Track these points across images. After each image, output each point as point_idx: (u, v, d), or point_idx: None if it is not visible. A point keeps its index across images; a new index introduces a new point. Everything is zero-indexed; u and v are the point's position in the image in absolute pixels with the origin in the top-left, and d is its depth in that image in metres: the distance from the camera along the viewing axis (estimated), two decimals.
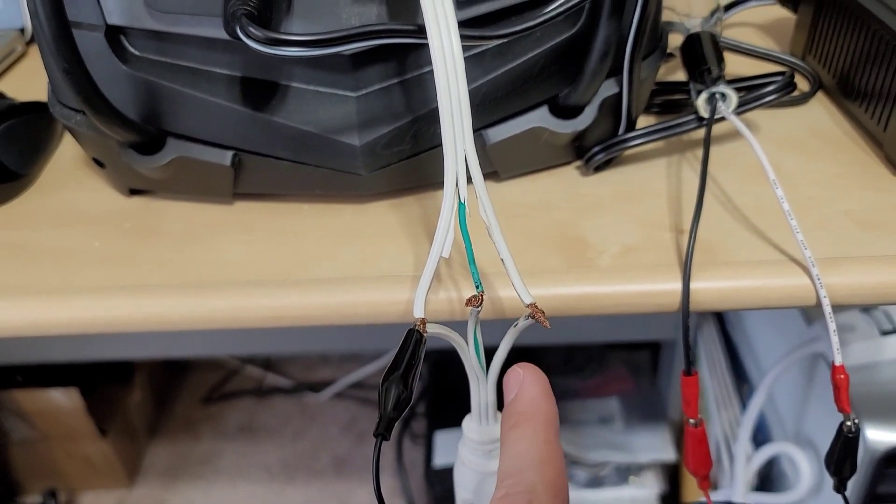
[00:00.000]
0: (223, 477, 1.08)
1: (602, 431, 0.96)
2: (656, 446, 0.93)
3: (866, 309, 0.62)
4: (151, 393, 1.15)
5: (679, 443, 0.93)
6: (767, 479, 0.72)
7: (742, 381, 0.78)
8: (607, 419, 0.98)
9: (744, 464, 0.68)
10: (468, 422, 0.30)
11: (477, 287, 0.26)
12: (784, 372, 0.65)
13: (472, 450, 0.30)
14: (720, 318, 0.85)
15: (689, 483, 0.89)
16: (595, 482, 0.91)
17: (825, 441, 0.34)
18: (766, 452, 0.67)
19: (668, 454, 0.92)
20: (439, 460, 0.95)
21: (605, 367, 1.06)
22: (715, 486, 0.78)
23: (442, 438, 0.98)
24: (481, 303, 0.26)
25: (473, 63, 0.33)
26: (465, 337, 0.27)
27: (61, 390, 0.96)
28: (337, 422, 1.15)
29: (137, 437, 1.11)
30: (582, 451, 0.92)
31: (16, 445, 1.02)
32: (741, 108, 0.37)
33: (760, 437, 0.73)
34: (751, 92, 0.38)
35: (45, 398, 0.97)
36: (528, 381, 0.25)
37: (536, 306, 0.26)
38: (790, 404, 0.68)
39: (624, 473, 0.92)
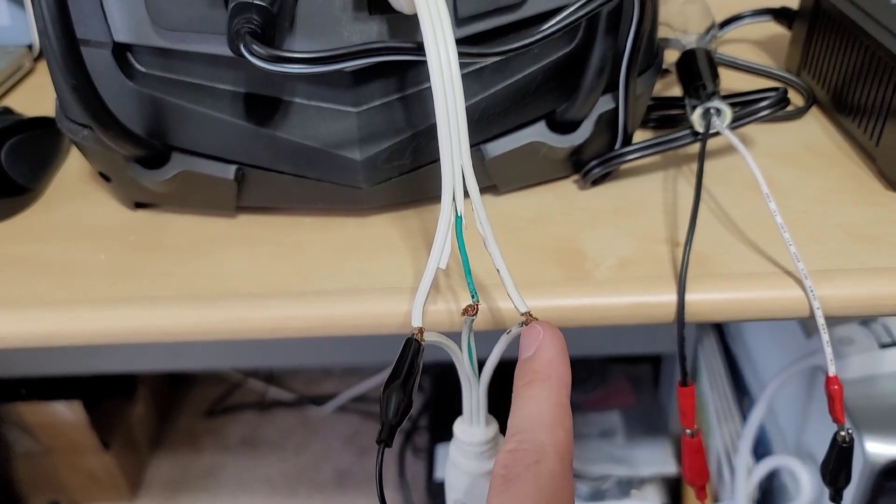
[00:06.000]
0: (225, 490, 1.08)
1: (604, 445, 0.96)
2: (658, 460, 0.93)
3: (865, 322, 0.62)
4: (154, 406, 1.15)
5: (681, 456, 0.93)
6: (768, 492, 0.72)
7: (743, 393, 0.78)
8: (609, 433, 0.98)
9: (744, 477, 0.68)
10: (459, 424, 0.31)
11: (472, 297, 0.27)
12: (784, 384, 0.65)
13: (463, 452, 0.31)
14: (721, 331, 0.85)
15: (690, 496, 0.88)
16: (597, 496, 0.91)
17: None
18: (767, 465, 0.67)
19: (670, 468, 0.92)
20: (441, 473, 0.95)
21: (606, 381, 1.06)
22: (716, 499, 0.77)
23: (444, 452, 0.98)
24: (476, 312, 0.27)
25: (473, 79, 0.34)
26: (460, 345, 0.28)
27: (64, 403, 0.97)
28: (339, 435, 1.15)
29: (140, 451, 1.11)
30: (584, 464, 0.92)
31: (19, 458, 1.02)
32: (736, 123, 0.38)
33: (761, 449, 0.73)
34: (745, 107, 0.38)
35: (49, 411, 0.97)
36: (548, 342, 0.25)
37: (530, 314, 0.27)
38: (791, 417, 0.68)
39: (626, 487, 0.91)
